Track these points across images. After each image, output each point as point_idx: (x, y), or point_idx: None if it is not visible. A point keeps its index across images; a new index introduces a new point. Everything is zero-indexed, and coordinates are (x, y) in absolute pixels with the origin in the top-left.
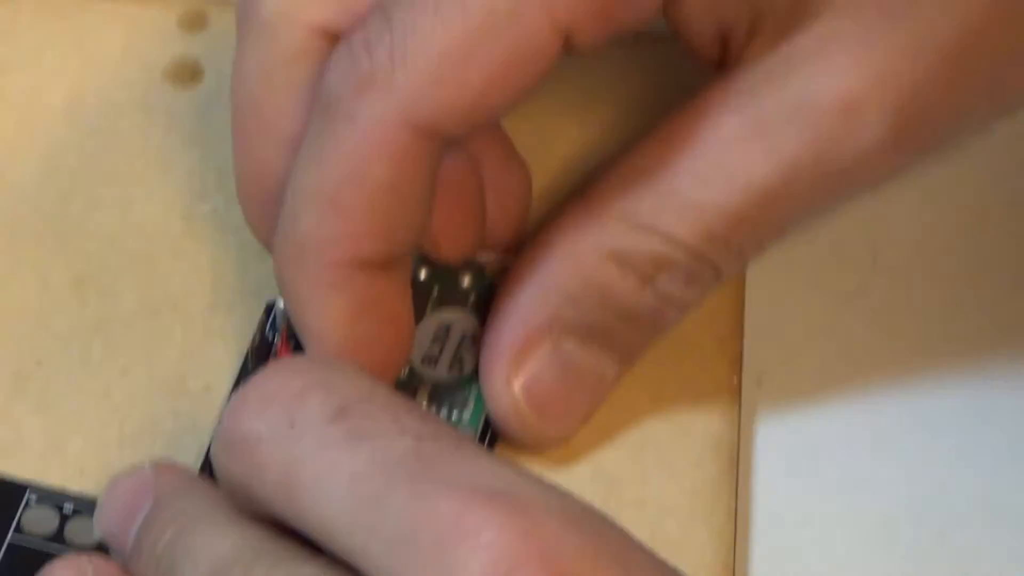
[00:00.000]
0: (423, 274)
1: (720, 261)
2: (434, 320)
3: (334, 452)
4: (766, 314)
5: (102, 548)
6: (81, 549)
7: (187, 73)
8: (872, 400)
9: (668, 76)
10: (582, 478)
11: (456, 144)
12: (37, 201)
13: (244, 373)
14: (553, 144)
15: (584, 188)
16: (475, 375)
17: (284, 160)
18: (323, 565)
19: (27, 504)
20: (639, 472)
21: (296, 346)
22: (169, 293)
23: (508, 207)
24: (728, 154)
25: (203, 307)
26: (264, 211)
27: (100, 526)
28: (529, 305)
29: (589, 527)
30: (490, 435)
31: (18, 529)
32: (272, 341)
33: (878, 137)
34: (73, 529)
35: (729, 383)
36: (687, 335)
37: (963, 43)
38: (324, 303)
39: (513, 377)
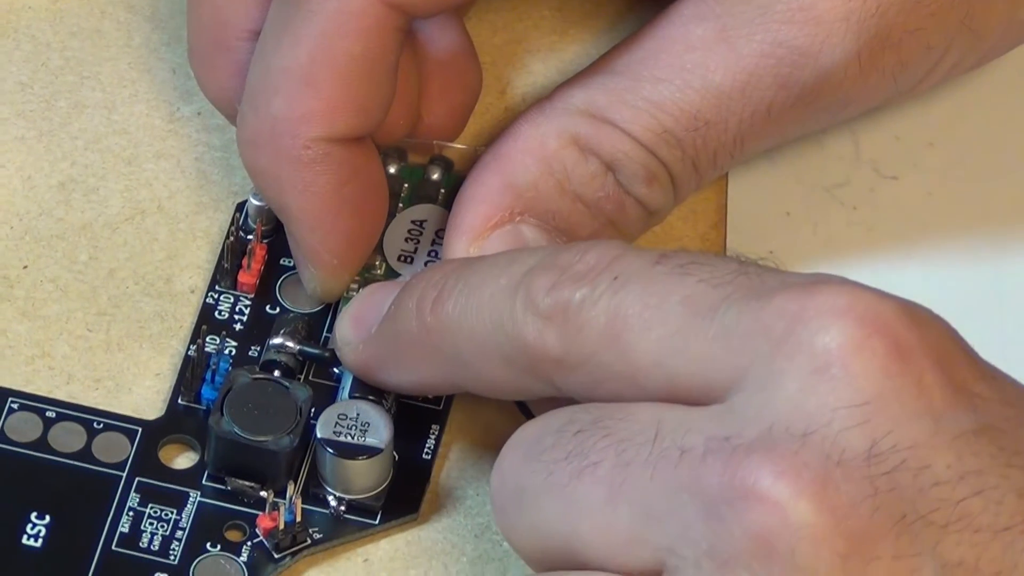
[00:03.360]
0: (392, 169)
1: (674, 164)
2: (406, 217)
3: (663, 283)
4: (748, 208)
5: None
6: (66, 456)
7: None
8: None
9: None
10: None
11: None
12: (21, 104)
13: (219, 273)
14: (525, 59)
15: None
16: None
17: (240, 9)
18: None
19: (9, 411)
20: None
21: (271, 243)
22: (154, 195)
23: (453, 99)
24: (690, 56)
25: (188, 208)
26: (215, 63)
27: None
28: (491, 187)
29: (928, 311)
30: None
31: (1, 436)
32: (247, 239)
33: (840, 54)
34: (56, 435)
35: None
36: (670, 231)
37: None
38: (306, 180)
39: (472, 252)
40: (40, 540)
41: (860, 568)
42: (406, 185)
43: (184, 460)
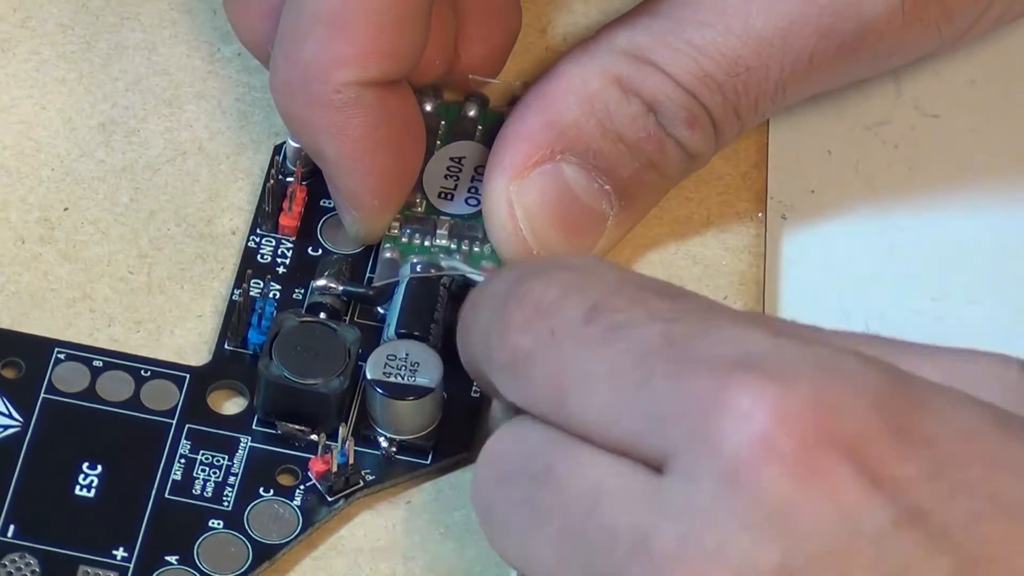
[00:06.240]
0: (428, 107)
1: (715, 108)
2: (445, 154)
3: (593, 351)
4: (790, 147)
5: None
6: (115, 404)
7: None
8: (896, 233)
9: None
10: None
11: None
12: (61, 45)
13: (260, 216)
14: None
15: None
16: None
17: None
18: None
19: (56, 361)
20: None
21: (310, 185)
22: (195, 136)
23: (491, 40)
24: (731, 1)
25: (229, 149)
26: (248, 6)
27: None
28: (532, 125)
29: (852, 382)
30: None
31: (50, 387)
32: (287, 181)
33: (884, 5)
34: (104, 384)
35: (754, 219)
36: (711, 170)
37: None
38: (338, 124)
39: (512, 190)
40: (93, 490)
41: None
42: (443, 122)
43: (233, 405)
